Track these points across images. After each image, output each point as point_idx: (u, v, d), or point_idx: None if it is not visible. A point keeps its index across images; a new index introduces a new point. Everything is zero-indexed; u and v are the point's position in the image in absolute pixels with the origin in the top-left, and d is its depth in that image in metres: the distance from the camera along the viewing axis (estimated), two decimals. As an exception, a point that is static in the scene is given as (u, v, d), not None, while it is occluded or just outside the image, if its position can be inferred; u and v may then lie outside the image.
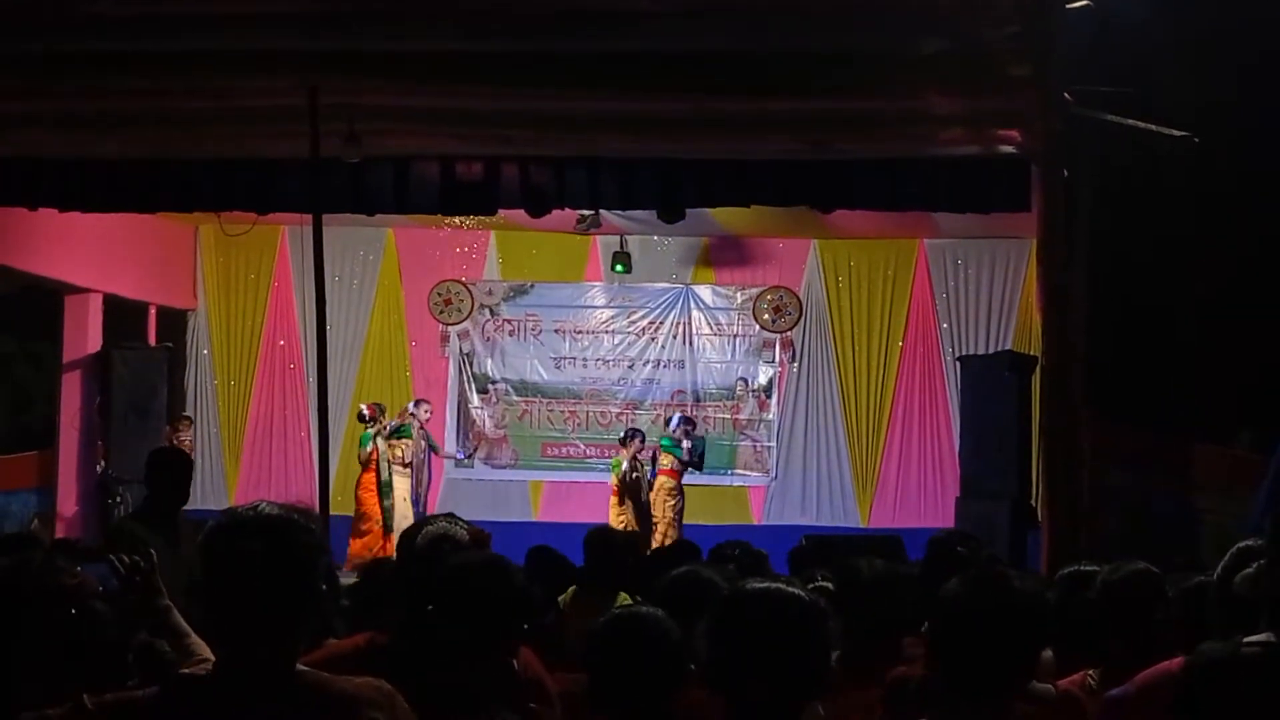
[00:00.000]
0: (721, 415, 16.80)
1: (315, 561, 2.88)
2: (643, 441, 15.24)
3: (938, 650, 3.43)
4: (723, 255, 16.81)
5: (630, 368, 16.92)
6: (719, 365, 16.89)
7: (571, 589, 6.92)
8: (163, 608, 4.14)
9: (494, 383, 16.98)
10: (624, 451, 15.03)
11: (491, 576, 3.81)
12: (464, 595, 3.79)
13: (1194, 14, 10.83)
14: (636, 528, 14.34)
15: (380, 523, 14.58)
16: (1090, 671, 4.20)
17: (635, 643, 3.45)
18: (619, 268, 16.41)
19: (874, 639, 4.54)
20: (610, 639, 3.50)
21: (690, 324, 16.86)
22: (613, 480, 15.07)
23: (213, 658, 2.96)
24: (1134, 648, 4.17)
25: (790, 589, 3.13)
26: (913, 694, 3.86)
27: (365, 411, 15.08)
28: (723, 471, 16.65)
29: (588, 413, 16.93)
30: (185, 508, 6.96)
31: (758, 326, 16.79)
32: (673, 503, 15.00)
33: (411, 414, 15.36)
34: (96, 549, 6.87)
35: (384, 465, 14.83)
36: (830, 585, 5.67)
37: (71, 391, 14.70)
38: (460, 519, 4.84)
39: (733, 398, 16.82)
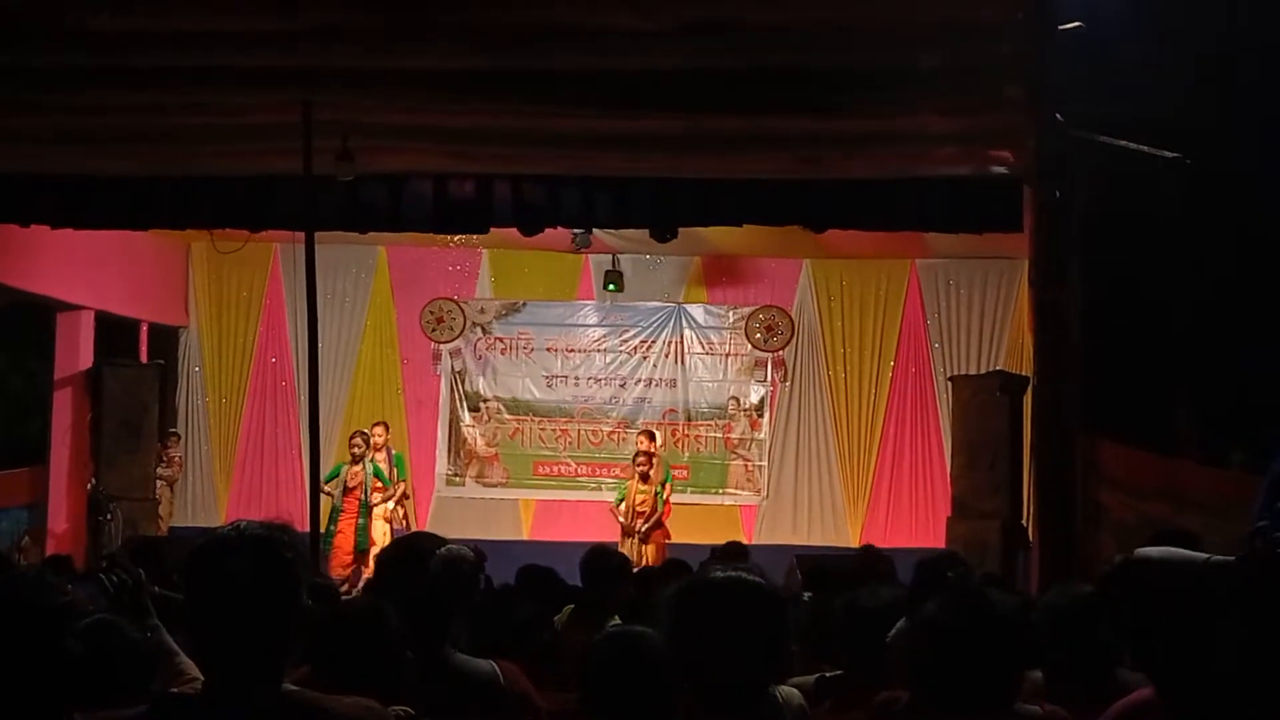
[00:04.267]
0: (713, 434, 16.80)
1: (299, 579, 2.88)
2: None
3: (917, 671, 3.43)
4: (715, 274, 16.84)
5: (622, 386, 16.91)
6: (711, 384, 16.89)
7: (568, 609, 6.91)
8: (151, 627, 4.13)
9: (486, 401, 16.96)
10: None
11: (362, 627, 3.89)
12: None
13: (1187, 35, 10.87)
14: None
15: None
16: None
17: (629, 661, 3.45)
18: (611, 286, 16.40)
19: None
20: (604, 658, 3.50)
21: (682, 343, 16.86)
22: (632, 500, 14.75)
23: (202, 677, 2.96)
24: (1076, 667, 4.33)
25: (750, 576, 3.16)
26: (898, 716, 3.85)
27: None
28: (714, 491, 16.65)
29: (579, 431, 16.92)
30: (174, 524, 6.86)
31: (750, 346, 16.79)
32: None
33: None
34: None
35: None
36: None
37: (63, 408, 14.66)
38: (440, 539, 4.81)
39: (724, 417, 16.82)
